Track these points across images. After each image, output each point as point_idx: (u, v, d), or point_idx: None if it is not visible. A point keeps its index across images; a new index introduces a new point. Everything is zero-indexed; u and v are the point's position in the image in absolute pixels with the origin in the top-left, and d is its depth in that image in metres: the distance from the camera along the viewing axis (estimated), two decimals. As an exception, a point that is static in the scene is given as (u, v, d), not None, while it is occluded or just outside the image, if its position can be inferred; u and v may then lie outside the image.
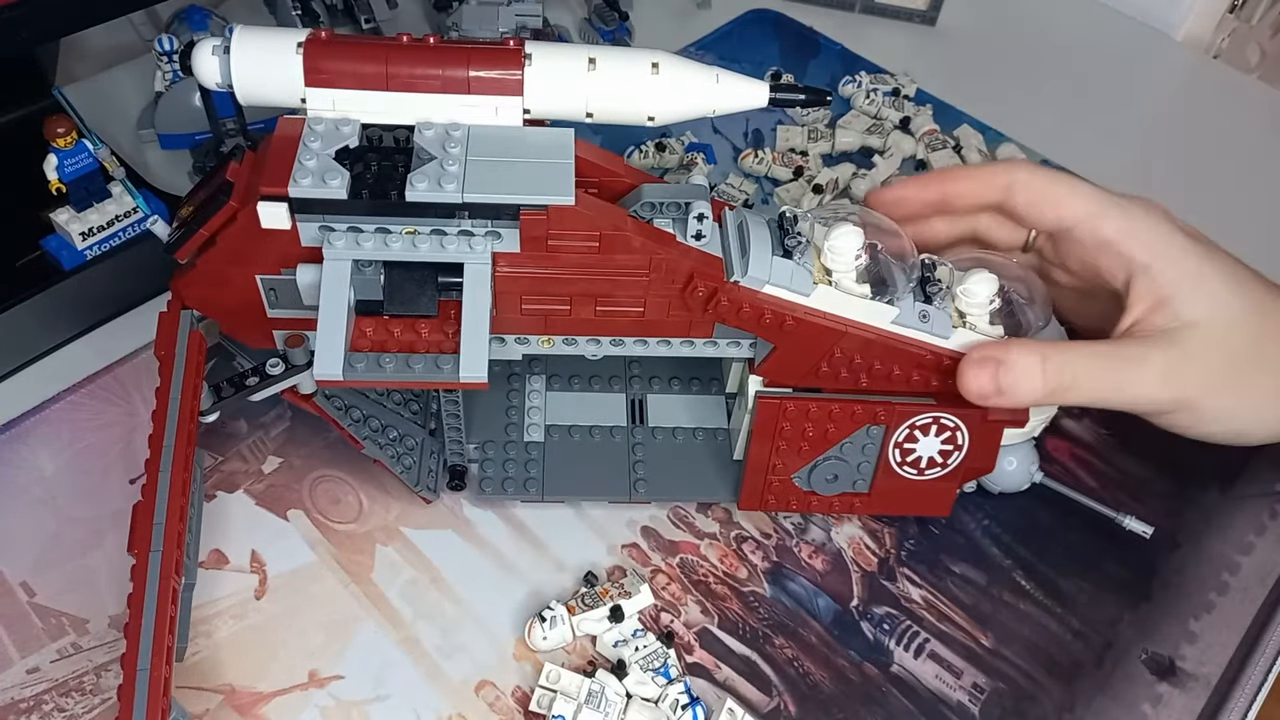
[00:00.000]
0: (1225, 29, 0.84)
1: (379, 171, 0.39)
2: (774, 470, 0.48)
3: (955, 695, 0.46)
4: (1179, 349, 0.43)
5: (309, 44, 0.39)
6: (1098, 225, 0.45)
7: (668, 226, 0.42)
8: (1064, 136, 0.72)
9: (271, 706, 0.44)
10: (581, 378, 0.54)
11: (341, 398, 0.47)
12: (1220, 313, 0.44)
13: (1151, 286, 0.44)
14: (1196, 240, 0.46)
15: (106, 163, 0.52)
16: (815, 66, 0.76)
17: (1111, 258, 0.45)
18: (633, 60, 0.40)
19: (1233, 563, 0.51)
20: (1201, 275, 0.44)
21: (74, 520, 0.49)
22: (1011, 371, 0.43)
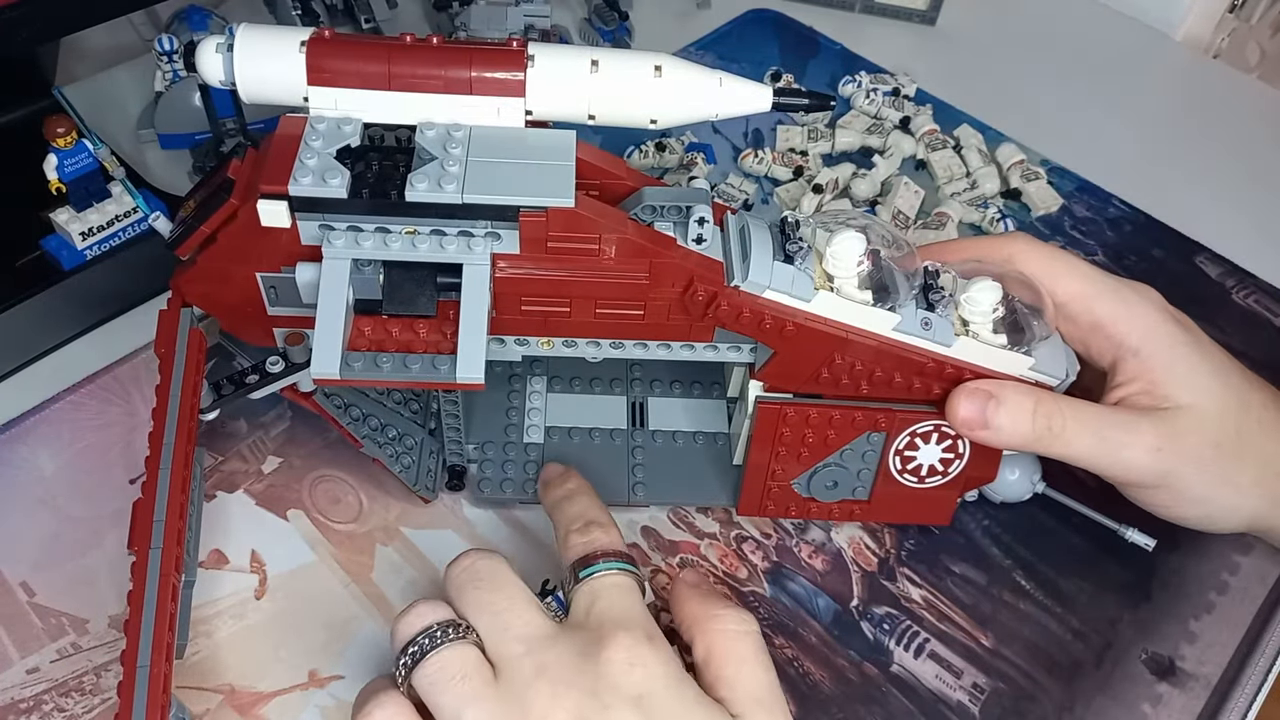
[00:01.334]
0: (1225, 29, 0.84)
1: (379, 171, 0.39)
2: (773, 476, 0.48)
3: (955, 695, 0.46)
4: (1169, 427, 0.44)
5: (312, 43, 0.39)
6: (1091, 305, 0.46)
7: (668, 230, 0.42)
8: (1064, 136, 0.72)
9: (271, 706, 0.44)
10: (582, 380, 0.54)
11: (341, 396, 0.47)
12: (1209, 402, 0.45)
13: (1141, 370, 0.45)
14: (1186, 329, 0.46)
15: (106, 163, 0.52)
16: (815, 66, 0.76)
17: (1101, 339, 0.46)
18: (636, 63, 0.40)
19: (1232, 563, 0.51)
20: (1191, 363, 0.45)
21: (74, 520, 0.49)
22: (1003, 408, 0.43)
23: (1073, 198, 0.69)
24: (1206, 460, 0.44)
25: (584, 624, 0.39)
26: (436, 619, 0.38)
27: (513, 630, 0.38)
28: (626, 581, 0.40)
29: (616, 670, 0.37)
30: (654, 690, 0.37)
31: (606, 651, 0.37)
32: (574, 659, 0.37)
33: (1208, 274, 0.65)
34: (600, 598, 0.39)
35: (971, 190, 0.67)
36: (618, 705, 0.36)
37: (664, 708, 0.36)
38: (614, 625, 0.38)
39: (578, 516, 0.43)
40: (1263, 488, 0.46)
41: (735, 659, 0.39)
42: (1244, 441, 0.45)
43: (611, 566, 0.40)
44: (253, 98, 0.40)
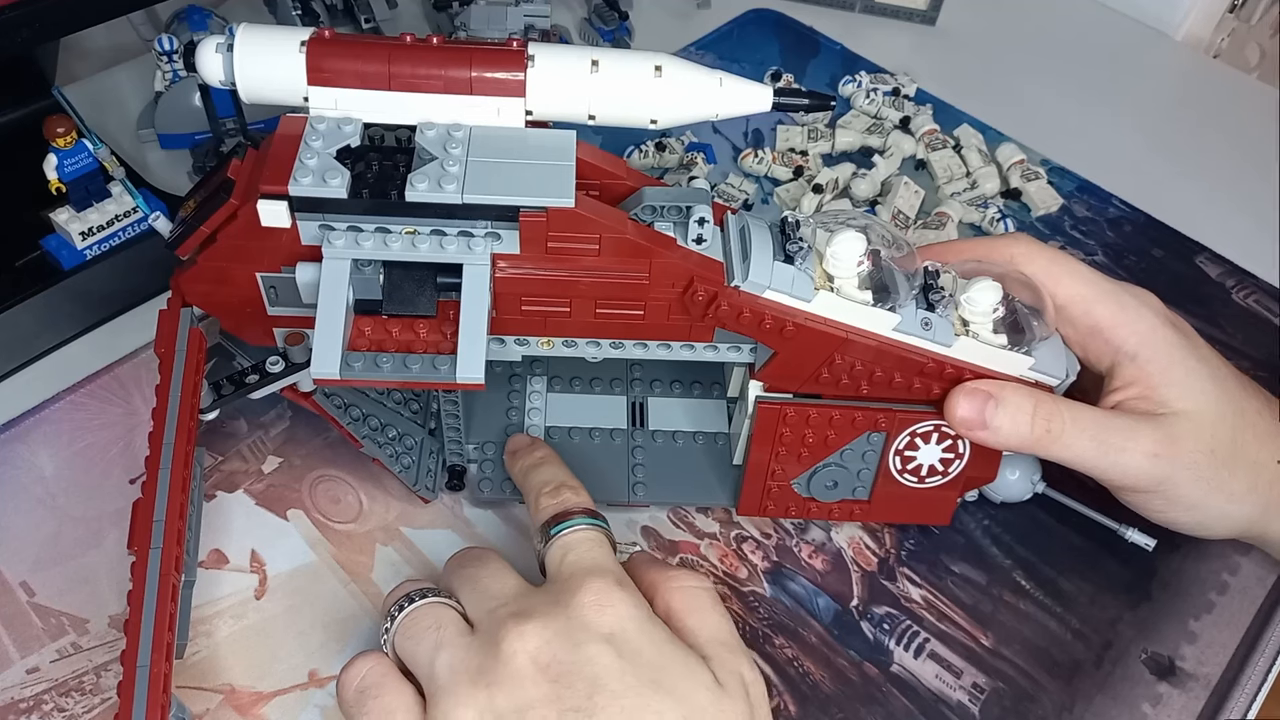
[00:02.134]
0: (1225, 29, 0.84)
1: (379, 171, 0.39)
2: (773, 476, 0.48)
3: (955, 695, 0.46)
4: (1166, 432, 0.44)
5: (312, 43, 0.39)
6: (1090, 309, 0.46)
7: (668, 230, 0.42)
8: (1064, 136, 0.72)
9: (271, 706, 0.44)
10: (582, 380, 0.54)
11: (341, 396, 0.47)
12: (1206, 407, 0.45)
13: (1139, 374, 0.45)
14: (1184, 335, 0.47)
15: (106, 162, 0.52)
16: (815, 66, 0.76)
17: (1100, 343, 0.46)
18: (636, 63, 0.40)
19: (1233, 563, 0.51)
20: (1188, 369, 0.45)
21: (74, 520, 0.49)
22: (1002, 409, 0.44)
23: (1073, 198, 0.69)
24: (1201, 466, 0.45)
25: (557, 577, 0.40)
26: (417, 586, 0.40)
27: (490, 591, 0.40)
28: (597, 535, 0.42)
29: (588, 611, 0.38)
30: (625, 629, 0.37)
31: (578, 595, 0.38)
32: (546, 604, 0.38)
33: (1208, 274, 0.65)
34: (571, 550, 0.41)
35: (971, 190, 0.67)
36: (589, 642, 0.37)
37: (635, 645, 0.37)
38: (584, 573, 0.39)
39: (548, 480, 0.44)
40: (1256, 495, 0.46)
41: (694, 609, 0.40)
42: (1239, 448, 0.45)
43: (582, 522, 0.42)
44: (253, 98, 0.40)
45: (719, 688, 0.37)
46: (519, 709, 0.36)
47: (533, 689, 0.36)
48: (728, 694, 0.37)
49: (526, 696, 0.36)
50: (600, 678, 0.36)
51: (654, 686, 0.36)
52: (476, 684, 0.36)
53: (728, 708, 0.37)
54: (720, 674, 0.38)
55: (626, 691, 0.36)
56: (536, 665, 0.36)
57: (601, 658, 0.36)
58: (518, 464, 0.47)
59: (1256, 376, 0.49)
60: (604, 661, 0.36)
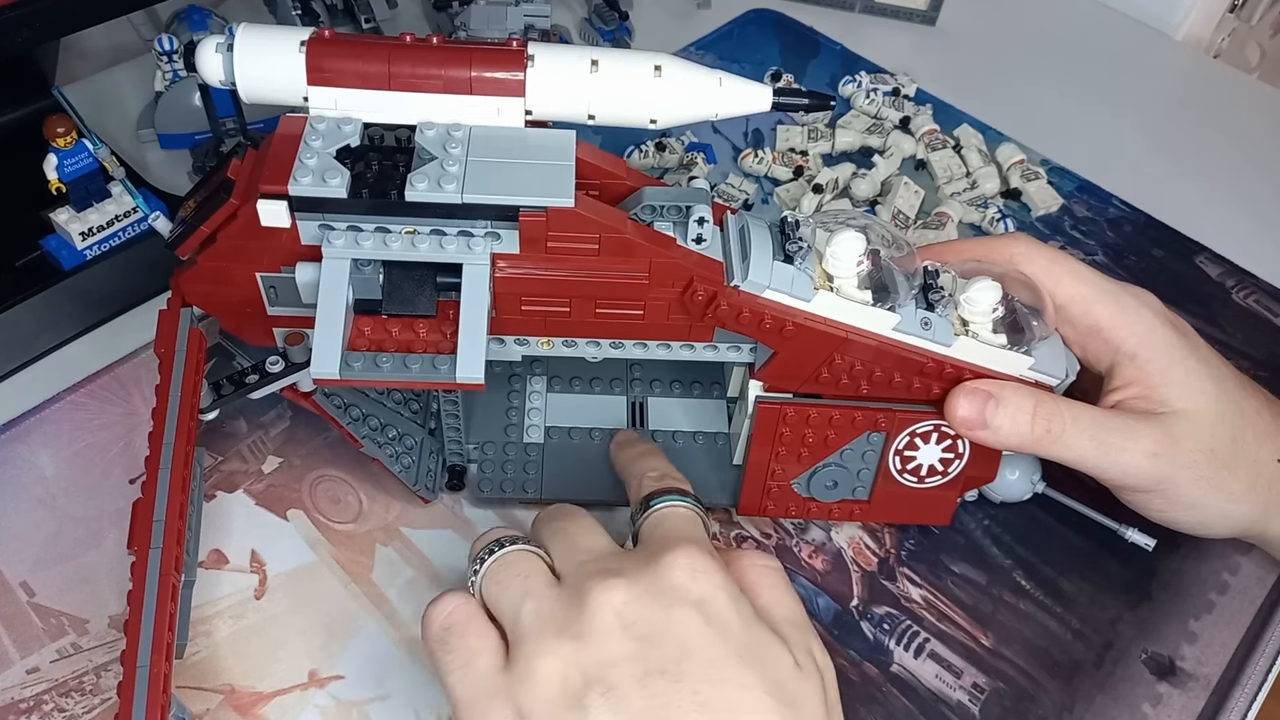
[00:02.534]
0: (1225, 29, 0.84)
1: (379, 171, 0.39)
2: (773, 476, 0.48)
3: (955, 695, 0.46)
4: (1166, 431, 0.44)
5: (312, 43, 0.39)
6: (1090, 309, 0.46)
7: (668, 230, 0.42)
8: (1064, 136, 0.72)
9: (271, 706, 0.44)
10: (582, 380, 0.54)
11: (341, 396, 0.47)
12: (1205, 408, 0.45)
13: (1138, 374, 0.46)
14: (1184, 334, 0.47)
15: (106, 162, 0.52)
16: (815, 66, 0.76)
17: (1099, 342, 0.46)
18: (636, 63, 0.40)
19: (1233, 563, 0.51)
20: (1188, 368, 0.45)
21: (74, 520, 0.49)
22: (1002, 409, 0.44)
23: (1073, 198, 0.69)
24: (1201, 466, 0.45)
25: (649, 541, 0.40)
26: (504, 533, 0.40)
27: (580, 545, 0.39)
28: (694, 514, 0.41)
29: (679, 575, 0.37)
30: (716, 597, 0.37)
31: (669, 556, 0.37)
32: (638, 564, 0.38)
33: (1208, 274, 0.65)
34: (667, 520, 0.41)
35: (971, 190, 0.67)
36: (680, 605, 0.36)
37: (725, 616, 0.37)
38: (680, 539, 0.39)
39: (654, 468, 0.44)
40: (1255, 495, 0.46)
41: (766, 588, 0.40)
42: (1238, 448, 0.45)
43: (681, 501, 0.42)
44: (252, 97, 0.40)
45: (798, 669, 0.37)
46: (602, 664, 0.35)
47: (617, 645, 0.35)
48: (805, 676, 0.37)
49: (612, 653, 0.35)
50: (689, 643, 0.36)
51: (739, 659, 0.36)
52: (562, 635, 0.36)
53: (805, 690, 0.37)
54: (798, 655, 0.37)
55: (714, 661, 0.35)
56: (623, 621, 0.36)
57: (692, 622, 0.36)
58: (623, 454, 0.47)
59: (1257, 376, 0.49)
60: (694, 627, 0.36)
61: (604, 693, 0.34)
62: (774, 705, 0.35)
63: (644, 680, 0.35)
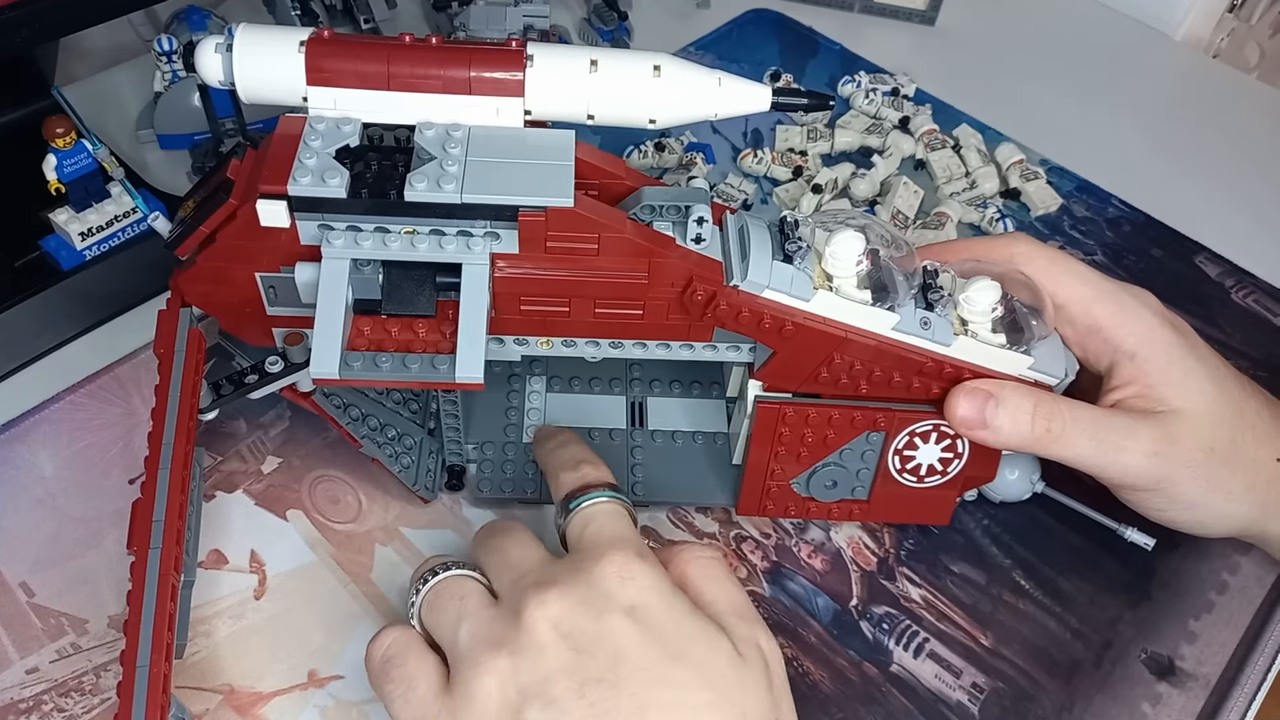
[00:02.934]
0: (1224, 29, 0.84)
1: (379, 171, 0.39)
2: (773, 476, 0.48)
3: (955, 695, 0.46)
4: (1165, 430, 0.44)
5: (311, 43, 0.39)
6: (1089, 308, 0.46)
7: (667, 229, 0.42)
8: (1063, 136, 0.72)
9: (271, 707, 0.44)
10: (581, 379, 0.54)
11: (340, 396, 0.47)
12: (1204, 407, 0.45)
13: (1138, 373, 0.46)
14: (1183, 334, 0.47)
15: (105, 163, 0.52)
16: (814, 66, 0.76)
17: (1099, 342, 0.46)
18: (635, 63, 0.40)
19: (1232, 562, 0.51)
20: (1187, 368, 0.45)
21: (73, 520, 0.49)
22: (1002, 408, 0.44)
23: (1072, 197, 0.69)
24: (1200, 465, 0.45)
25: (578, 548, 0.40)
26: (441, 560, 0.41)
27: (511, 561, 0.40)
28: (616, 508, 0.41)
29: (610, 583, 0.37)
30: (647, 601, 0.37)
31: (599, 566, 0.38)
32: (568, 573, 0.38)
33: (1207, 274, 0.65)
34: (591, 522, 0.41)
35: (971, 190, 0.67)
36: (611, 613, 0.37)
37: (657, 617, 0.37)
38: (606, 544, 0.39)
39: (568, 458, 0.44)
40: (1255, 494, 0.46)
41: (708, 579, 0.40)
42: (1237, 447, 0.45)
43: (601, 496, 0.42)
44: (252, 98, 0.40)
45: (739, 659, 0.37)
46: (540, 678, 0.35)
47: (554, 658, 0.36)
48: (747, 665, 0.37)
49: (548, 665, 0.36)
50: (622, 650, 0.36)
51: (675, 659, 0.36)
52: (498, 652, 0.36)
53: (747, 678, 0.37)
54: (739, 645, 0.38)
55: (648, 664, 0.36)
56: (558, 633, 0.36)
57: (624, 629, 0.36)
58: (542, 449, 0.47)
59: (1256, 376, 0.49)
60: (626, 633, 0.36)
61: (543, 706, 0.35)
62: (713, 699, 0.36)
63: (581, 690, 0.35)
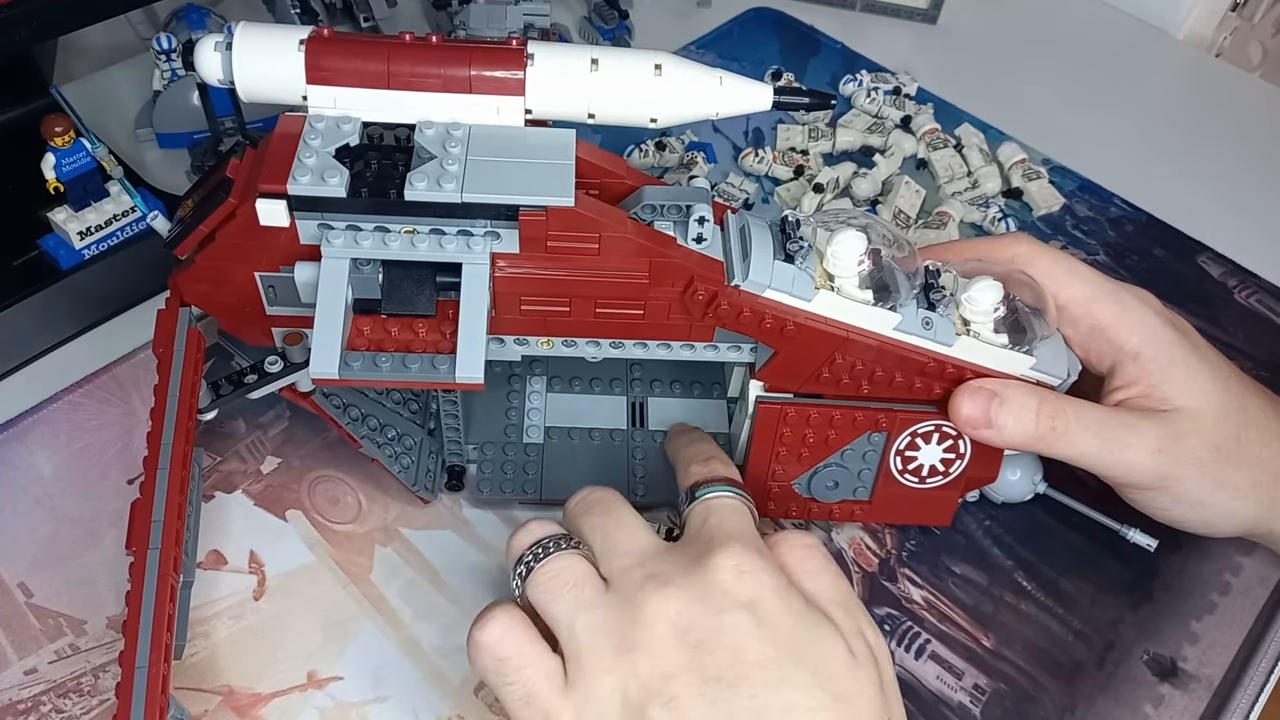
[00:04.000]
0: (1227, 27, 0.84)
1: (378, 170, 0.39)
2: (774, 476, 0.48)
3: (956, 696, 0.46)
4: (1169, 429, 0.44)
5: (311, 41, 0.39)
6: (1092, 309, 0.46)
7: (668, 229, 0.42)
8: (1065, 135, 0.72)
9: (270, 707, 0.44)
10: (582, 380, 0.54)
11: (340, 396, 0.46)
12: (1208, 405, 0.45)
13: (1141, 373, 0.45)
14: (1185, 333, 0.47)
15: (104, 162, 0.52)
16: (816, 65, 0.76)
17: (1101, 342, 0.46)
18: (636, 61, 0.39)
19: (1235, 563, 0.51)
20: (1190, 367, 0.45)
21: (72, 520, 0.49)
22: (1006, 407, 0.43)
23: (1074, 197, 0.68)
24: (1205, 463, 0.44)
25: (695, 539, 0.40)
26: (547, 533, 0.39)
27: (623, 546, 0.39)
28: (740, 505, 0.41)
29: (727, 576, 0.37)
30: (765, 598, 0.37)
31: (716, 558, 0.37)
32: (685, 566, 0.37)
33: (1210, 274, 0.65)
34: (713, 514, 0.40)
35: (973, 189, 0.67)
36: (730, 610, 0.36)
37: (774, 615, 0.36)
38: (725, 537, 0.38)
39: (701, 452, 0.44)
40: (1260, 492, 0.45)
41: (809, 571, 0.39)
42: (1242, 446, 0.45)
43: (727, 490, 0.41)
44: (251, 96, 0.40)
45: (852, 658, 0.37)
46: (661, 676, 0.35)
47: (675, 657, 0.35)
48: (859, 664, 0.37)
49: (669, 664, 0.35)
50: (742, 647, 0.36)
51: (793, 658, 0.36)
52: (619, 650, 0.36)
53: (861, 679, 0.37)
54: (849, 640, 0.37)
55: (767, 663, 0.35)
56: (677, 631, 0.36)
57: (743, 626, 0.36)
58: (673, 442, 0.47)
59: (1259, 376, 0.49)
60: (745, 630, 0.36)
61: (665, 704, 0.35)
62: (829, 701, 0.35)
63: (702, 688, 0.35)
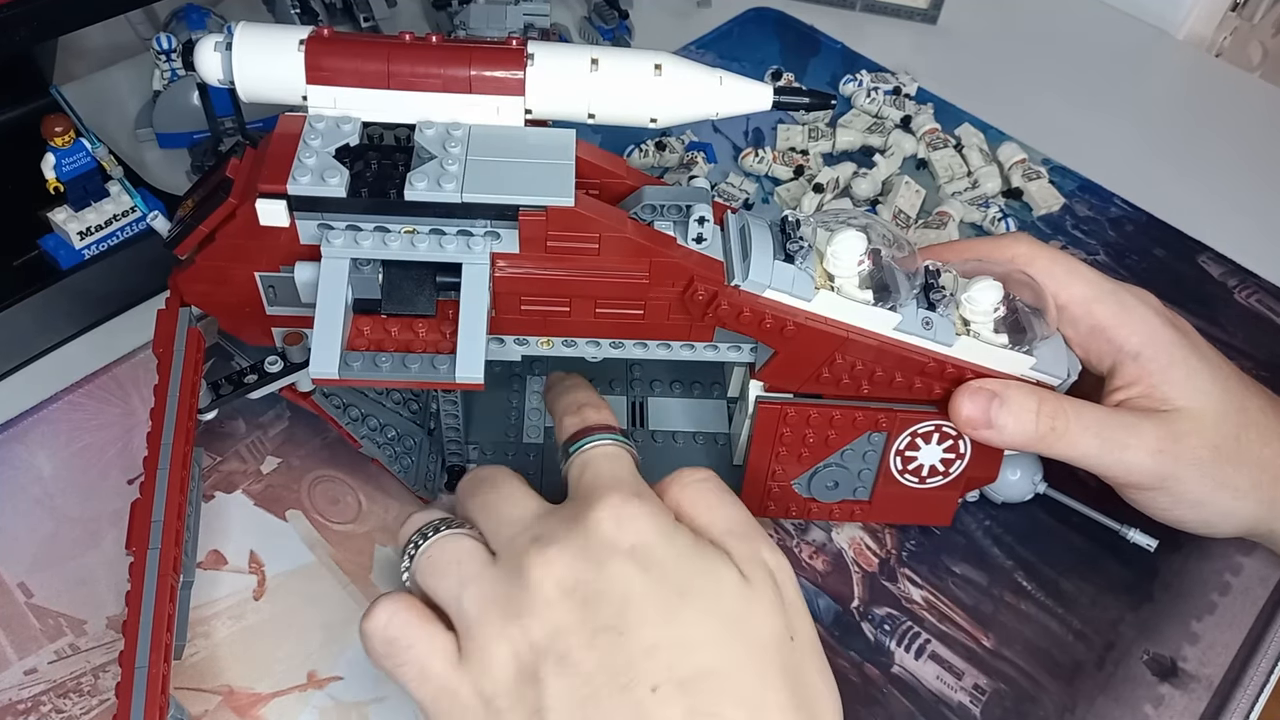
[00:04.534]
0: (1227, 27, 0.84)
1: (378, 170, 0.39)
2: (774, 476, 0.48)
3: (956, 696, 0.46)
4: (1169, 429, 0.44)
5: (311, 41, 0.39)
6: (1092, 309, 0.46)
7: (668, 229, 0.42)
8: (1065, 135, 0.72)
9: (270, 707, 0.44)
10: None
11: (340, 396, 0.46)
12: (1208, 405, 0.45)
13: (1141, 373, 0.46)
14: (1185, 333, 0.47)
15: (104, 162, 0.52)
16: (816, 65, 0.76)
17: (1101, 342, 0.46)
18: (636, 61, 0.39)
19: (1235, 563, 0.51)
20: (1190, 367, 0.45)
21: (72, 520, 0.49)
22: (1006, 407, 0.43)
23: (1074, 197, 0.68)
24: (1205, 463, 0.45)
25: (575, 495, 0.40)
26: (430, 518, 0.40)
27: (507, 517, 0.39)
28: (615, 450, 0.41)
29: (607, 526, 0.37)
30: (646, 541, 0.37)
31: (594, 512, 0.37)
32: (566, 524, 0.38)
33: (1210, 274, 0.65)
34: (589, 467, 0.40)
35: (973, 189, 0.67)
36: (612, 558, 0.36)
37: (659, 555, 0.37)
38: (602, 489, 0.38)
39: (571, 402, 0.44)
40: (1261, 492, 0.45)
41: (702, 506, 0.40)
42: (1242, 446, 0.45)
43: (601, 439, 0.41)
44: (251, 96, 0.40)
45: (744, 583, 0.37)
46: (551, 635, 0.35)
47: (563, 614, 0.35)
48: (753, 588, 0.37)
49: (558, 623, 0.35)
50: (628, 594, 0.36)
51: (681, 595, 0.36)
52: (508, 617, 0.36)
53: (755, 602, 0.37)
54: (744, 567, 0.37)
55: (654, 604, 0.36)
56: (563, 590, 0.36)
57: (627, 573, 0.36)
58: (549, 394, 0.47)
59: (1259, 376, 0.49)
60: (629, 577, 0.36)
61: (557, 662, 0.35)
62: (720, 630, 0.35)
63: (593, 640, 0.35)
